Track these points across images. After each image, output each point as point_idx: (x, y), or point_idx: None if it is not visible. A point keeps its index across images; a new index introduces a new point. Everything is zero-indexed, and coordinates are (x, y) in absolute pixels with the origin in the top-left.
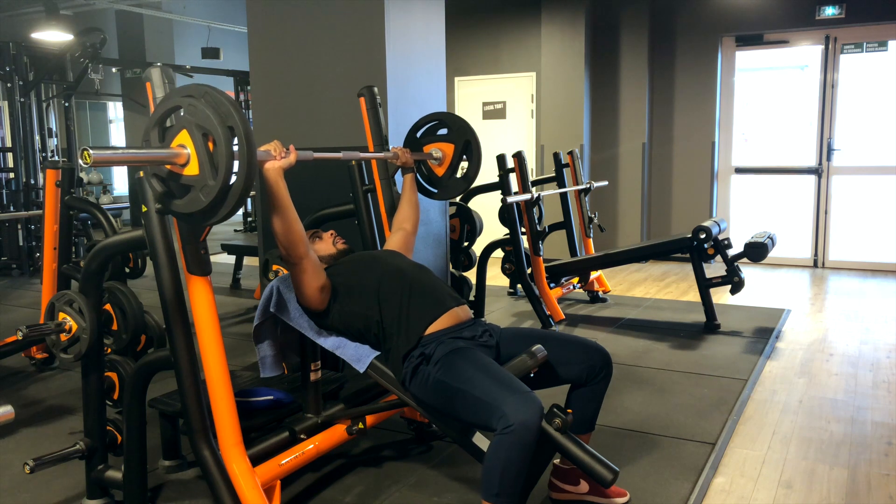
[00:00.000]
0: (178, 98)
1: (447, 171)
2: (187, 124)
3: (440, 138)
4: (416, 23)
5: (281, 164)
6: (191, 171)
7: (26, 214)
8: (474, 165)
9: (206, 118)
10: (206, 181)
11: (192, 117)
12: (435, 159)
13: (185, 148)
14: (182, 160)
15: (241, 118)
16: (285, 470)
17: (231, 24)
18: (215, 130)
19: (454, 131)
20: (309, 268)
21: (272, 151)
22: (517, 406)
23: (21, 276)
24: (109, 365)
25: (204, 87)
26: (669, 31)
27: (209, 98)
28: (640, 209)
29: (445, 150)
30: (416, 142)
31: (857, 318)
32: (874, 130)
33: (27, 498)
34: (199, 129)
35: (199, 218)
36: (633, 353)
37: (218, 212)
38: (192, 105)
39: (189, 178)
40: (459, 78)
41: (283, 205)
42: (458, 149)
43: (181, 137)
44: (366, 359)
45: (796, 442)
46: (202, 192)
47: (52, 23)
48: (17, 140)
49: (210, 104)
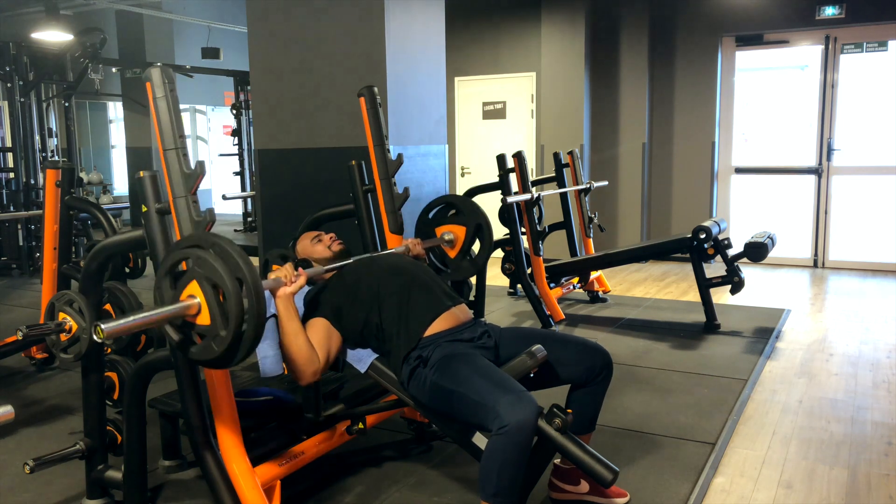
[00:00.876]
0: (186, 249)
1: (459, 254)
2: (197, 276)
3: (451, 220)
4: (416, 23)
5: (292, 290)
6: (203, 320)
7: (26, 214)
8: (485, 251)
9: (214, 271)
10: (218, 331)
11: (201, 270)
12: (447, 242)
13: (195, 298)
14: (193, 311)
15: (249, 269)
16: (285, 470)
17: (231, 24)
18: (224, 284)
19: (465, 215)
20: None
21: (282, 279)
22: (512, 406)
23: (21, 276)
24: (109, 365)
25: (211, 237)
26: (669, 31)
27: (217, 249)
28: (640, 209)
29: (457, 232)
30: (428, 223)
31: (857, 318)
32: (874, 130)
33: (27, 498)
34: (209, 281)
35: (215, 364)
36: (633, 353)
37: (232, 359)
38: (199, 257)
39: (202, 328)
40: (459, 78)
41: (293, 329)
42: (469, 232)
43: (191, 288)
44: (366, 359)
45: (796, 442)
46: (214, 341)
47: (52, 23)
48: (17, 140)
49: (218, 256)
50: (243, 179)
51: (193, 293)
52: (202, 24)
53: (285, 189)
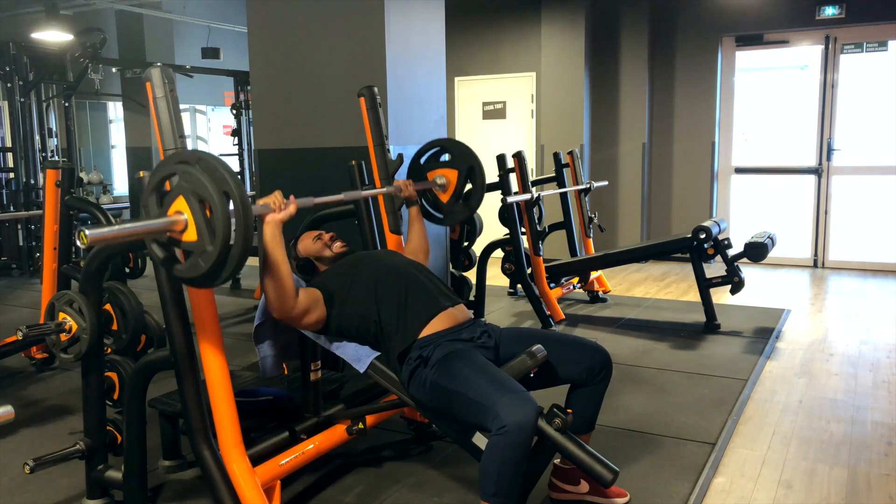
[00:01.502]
0: (173, 165)
1: (451, 197)
2: (183, 191)
3: (444, 164)
4: (416, 23)
5: (281, 217)
6: (189, 236)
7: (26, 214)
8: (478, 191)
9: (201, 185)
10: (205, 247)
11: (187, 184)
12: (439, 186)
13: (182, 214)
14: (180, 227)
15: (236, 183)
16: (285, 470)
17: (231, 24)
18: (211, 197)
19: (457, 157)
20: (300, 315)
21: (271, 205)
22: (511, 406)
23: (21, 276)
24: (109, 365)
25: (198, 153)
26: (669, 31)
27: (204, 164)
28: (640, 209)
29: (449, 176)
30: (419, 169)
31: (857, 318)
32: (874, 130)
33: (27, 498)
34: (195, 195)
35: (201, 282)
36: (633, 353)
37: (219, 276)
38: (186, 172)
39: (188, 244)
40: (459, 78)
41: (276, 258)
42: (461, 175)
43: (178, 204)
44: (366, 359)
45: (796, 442)
46: (201, 257)
47: (52, 23)
48: (17, 140)
49: (205, 170)
50: (243, 179)
51: (181, 209)
52: (202, 24)
53: (285, 189)
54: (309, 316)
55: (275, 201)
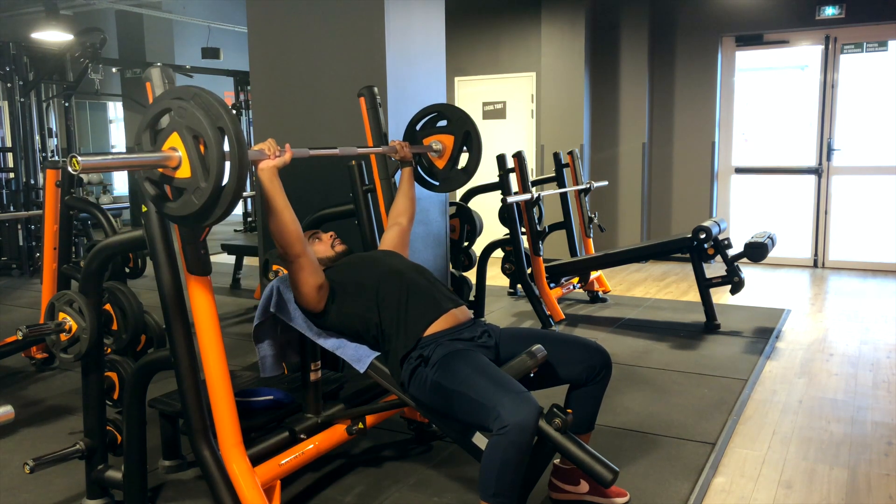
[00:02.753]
0: (168, 100)
1: (448, 163)
2: (178, 127)
3: (440, 130)
4: (416, 23)
5: (275, 164)
6: (182, 173)
7: (26, 214)
8: (475, 156)
9: (195, 120)
10: (198, 183)
11: (181, 120)
12: (435, 151)
13: (177, 151)
14: (173, 163)
15: (231, 119)
16: (285, 470)
17: (231, 24)
18: (205, 133)
19: (453, 122)
20: (306, 265)
21: (266, 150)
22: (512, 406)
23: (21, 276)
24: (109, 365)
25: (193, 88)
26: (669, 31)
27: (199, 100)
28: (640, 209)
29: (445, 141)
30: (415, 134)
31: (857, 318)
32: (874, 130)
33: (27, 498)
34: (190, 131)
35: (193, 220)
36: (633, 353)
37: (211, 214)
38: (181, 107)
39: (181, 181)
40: (459, 78)
41: (278, 204)
42: (458, 140)
43: (172, 140)
44: (366, 359)
45: (796, 442)
46: (194, 194)
47: (52, 23)
48: (17, 140)
49: (200, 106)
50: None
51: (175, 146)
52: (202, 24)
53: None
54: (316, 275)
55: (269, 147)
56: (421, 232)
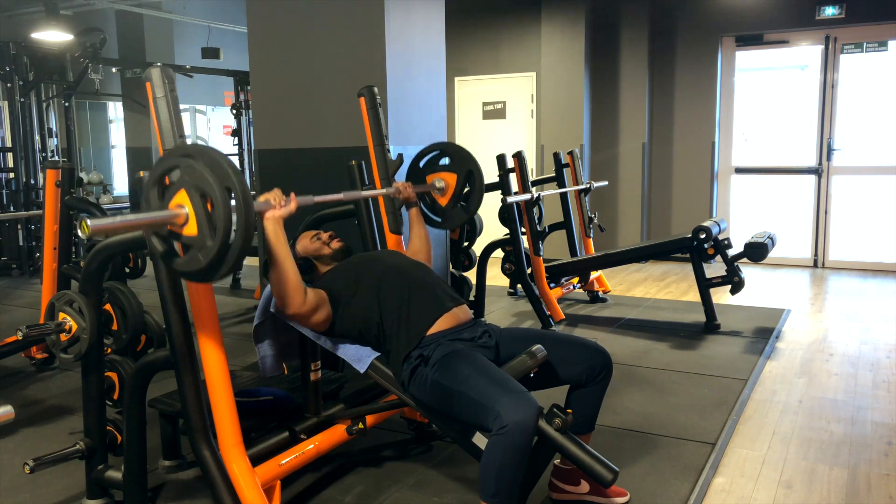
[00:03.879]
0: (176, 158)
1: (450, 201)
2: (185, 185)
3: (443, 168)
4: (416, 23)
5: (281, 214)
6: (189, 230)
7: (26, 214)
8: (476, 195)
9: (203, 180)
10: (205, 242)
11: (190, 178)
12: (438, 190)
13: (184, 208)
14: (181, 220)
15: (238, 179)
16: (285, 470)
17: (231, 24)
18: (213, 192)
19: (456, 161)
20: (309, 315)
21: (272, 201)
22: (512, 406)
23: (21, 276)
24: (109, 365)
25: (201, 147)
26: (669, 31)
27: (206, 158)
28: (640, 209)
29: (448, 179)
30: (418, 171)
31: (857, 318)
32: (874, 130)
33: (27, 498)
34: (197, 190)
35: (199, 276)
36: (633, 353)
37: (217, 271)
38: (189, 166)
39: (188, 238)
40: (459, 78)
41: (280, 254)
42: (460, 179)
43: (180, 197)
44: (366, 359)
45: (796, 442)
46: (201, 252)
47: (52, 23)
48: (17, 140)
49: (208, 165)
50: None
51: (182, 203)
52: (202, 24)
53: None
54: (317, 314)
55: (275, 198)
56: None
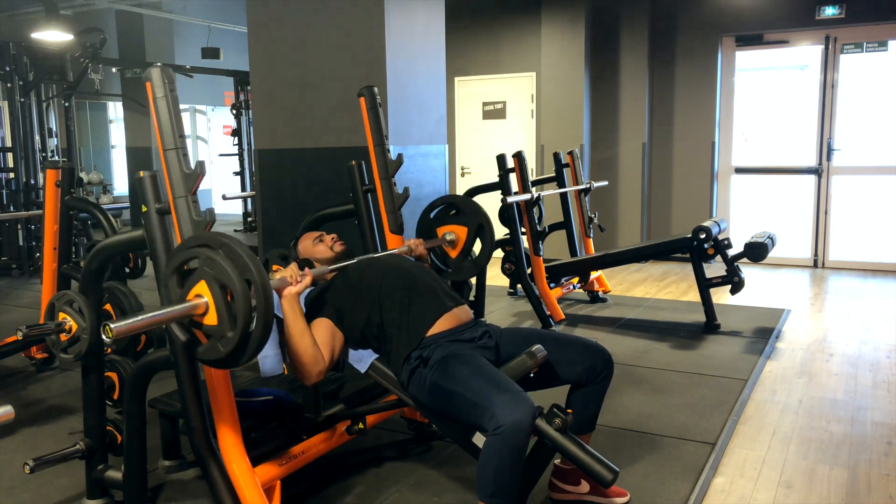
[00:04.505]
0: (195, 248)
1: (460, 254)
2: (206, 276)
3: (453, 220)
4: (416, 23)
5: (297, 290)
6: (210, 320)
7: (26, 214)
8: (487, 251)
9: (223, 272)
10: (225, 332)
11: (210, 270)
12: (448, 243)
13: (203, 298)
14: (200, 311)
15: (258, 271)
16: (285, 470)
17: (231, 24)
18: (233, 284)
19: (467, 215)
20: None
21: (288, 278)
22: (508, 407)
23: (21, 276)
24: (109, 365)
25: (221, 237)
26: (669, 31)
27: (226, 250)
28: (640, 209)
29: (458, 233)
30: (429, 223)
31: (857, 318)
32: (874, 130)
33: (27, 498)
34: (217, 281)
35: (220, 364)
36: (633, 353)
37: (238, 360)
38: (209, 257)
39: (208, 328)
40: (459, 78)
41: (298, 328)
42: (471, 232)
43: (199, 287)
44: (367, 359)
45: (796, 442)
46: (221, 342)
47: (52, 23)
48: (17, 140)
49: (228, 257)
50: (243, 179)
51: (201, 293)
52: (202, 24)
53: (285, 189)
54: (335, 353)
55: (291, 275)
56: None
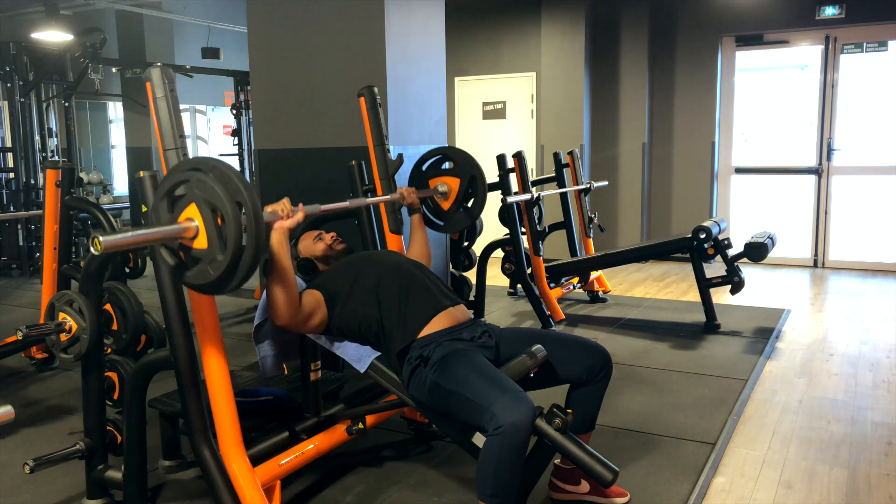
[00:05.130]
0: (186, 172)
1: (452, 205)
2: (196, 198)
3: (445, 172)
4: (416, 23)
5: (289, 224)
6: (200, 244)
7: (26, 214)
8: (479, 200)
9: (214, 194)
10: (215, 255)
11: (200, 192)
12: (440, 194)
13: (194, 221)
14: (191, 234)
15: (249, 194)
16: (285, 470)
17: (231, 24)
18: (224, 206)
19: (459, 166)
20: (304, 321)
21: (279, 212)
22: (507, 407)
23: (21, 276)
24: (109, 365)
25: (212, 161)
26: (669, 31)
27: (217, 173)
28: (640, 209)
29: (451, 184)
30: (421, 175)
31: (857, 318)
32: (874, 130)
33: (27, 498)
34: (208, 204)
35: (209, 289)
36: (633, 353)
37: (227, 285)
38: (200, 180)
39: (198, 252)
40: (459, 78)
41: (283, 264)
42: (463, 183)
43: (189, 211)
44: (366, 359)
45: (796, 442)
46: (211, 265)
47: (52, 23)
48: (17, 140)
49: (218, 179)
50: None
51: (192, 216)
52: (202, 24)
53: (285, 189)
54: (312, 320)
55: (283, 208)
56: None
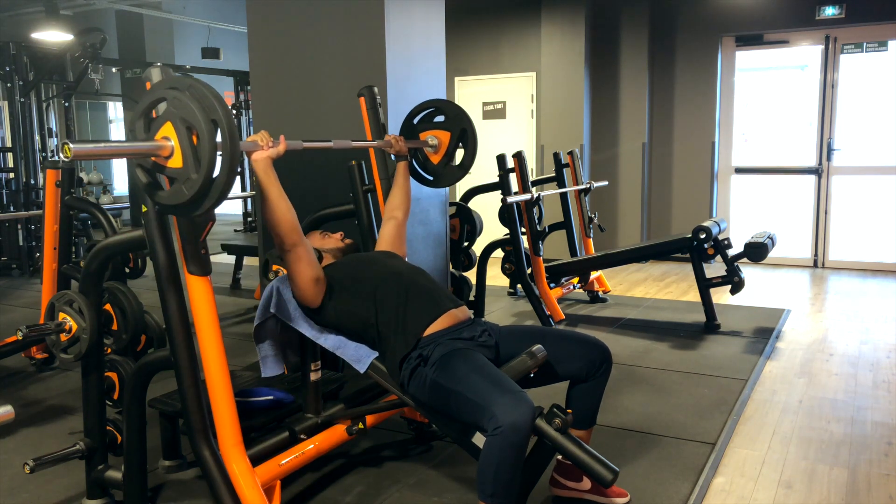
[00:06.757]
0: (164, 90)
1: (443, 158)
2: (171, 117)
3: (437, 126)
4: (416, 23)
5: (269, 154)
6: (174, 163)
7: (26, 214)
8: (470, 153)
9: (189, 112)
10: (189, 174)
11: (176, 110)
12: (430, 147)
13: (169, 140)
14: (166, 153)
15: (224, 112)
16: (285, 470)
17: (231, 24)
18: (199, 124)
19: (451, 119)
20: (303, 255)
21: (259, 142)
22: (507, 407)
23: (21, 276)
24: (109, 365)
25: (189, 79)
26: (669, 31)
27: (193, 91)
28: (640, 209)
29: (441, 137)
30: (412, 128)
31: (857, 318)
32: (874, 130)
33: (27, 498)
34: (183, 122)
35: (182, 210)
36: (633, 353)
37: (201, 205)
38: (176, 98)
39: (173, 171)
40: (459, 78)
41: (273, 194)
42: (454, 137)
43: (165, 130)
44: (366, 359)
45: (796, 442)
46: (185, 185)
47: (52, 23)
48: (17, 140)
49: (194, 97)
50: (243, 179)
51: (168, 135)
52: (202, 24)
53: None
54: (310, 266)
55: (262, 139)
56: (421, 232)
